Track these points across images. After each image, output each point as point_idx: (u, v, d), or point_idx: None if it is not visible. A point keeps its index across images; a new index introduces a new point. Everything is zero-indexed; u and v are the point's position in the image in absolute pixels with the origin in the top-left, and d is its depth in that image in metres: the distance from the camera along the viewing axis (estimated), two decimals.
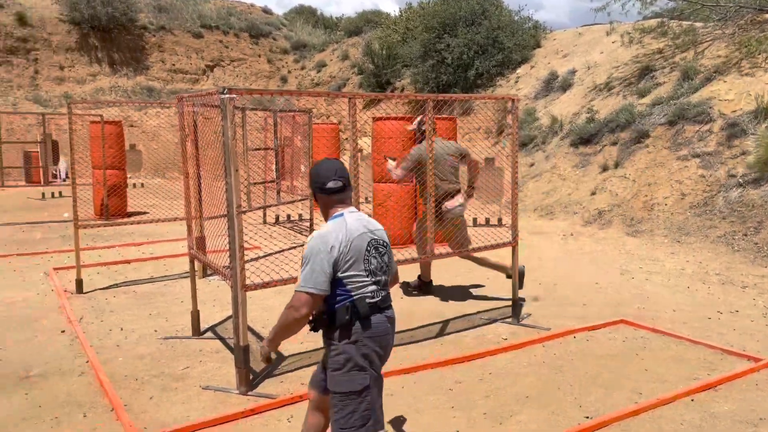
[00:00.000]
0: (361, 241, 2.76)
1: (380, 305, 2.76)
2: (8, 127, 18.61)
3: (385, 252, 2.86)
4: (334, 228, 2.75)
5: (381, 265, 2.81)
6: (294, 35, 27.46)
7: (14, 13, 22.42)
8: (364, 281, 2.73)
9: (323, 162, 2.95)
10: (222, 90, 4.03)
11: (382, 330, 2.75)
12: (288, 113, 10.35)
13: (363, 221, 2.84)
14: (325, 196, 2.86)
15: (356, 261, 2.72)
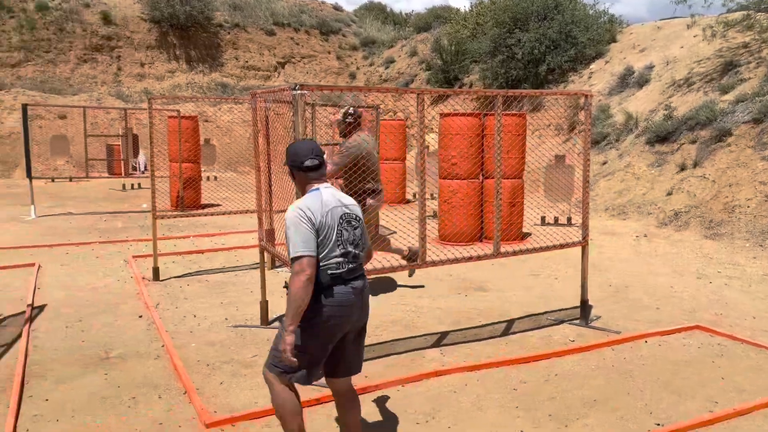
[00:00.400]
0: (335, 213, 2.95)
1: (345, 276, 2.93)
2: (93, 121, 19.61)
3: (357, 225, 3.04)
4: (312, 200, 2.94)
5: (352, 238, 2.99)
6: (363, 32, 27.66)
7: (99, 12, 23.61)
8: (333, 253, 2.91)
9: (300, 142, 3.19)
10: (293, 86, 4.12)
11: (344, 300, 2.91)
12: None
13: (337, 195, 3.04)
14: (303, 173, 3.05)
15: (330, 232, 2.92)
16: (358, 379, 4.25)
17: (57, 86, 21.47)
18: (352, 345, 3.10)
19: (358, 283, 2.98)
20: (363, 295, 3.03)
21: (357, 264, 3.01)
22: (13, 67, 21.79)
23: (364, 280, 3.05)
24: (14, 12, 22.28)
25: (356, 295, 2.97)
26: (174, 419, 3.71)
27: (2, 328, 5.35)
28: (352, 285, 2.96)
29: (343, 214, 2.99)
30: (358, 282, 2.99)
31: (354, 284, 2.97)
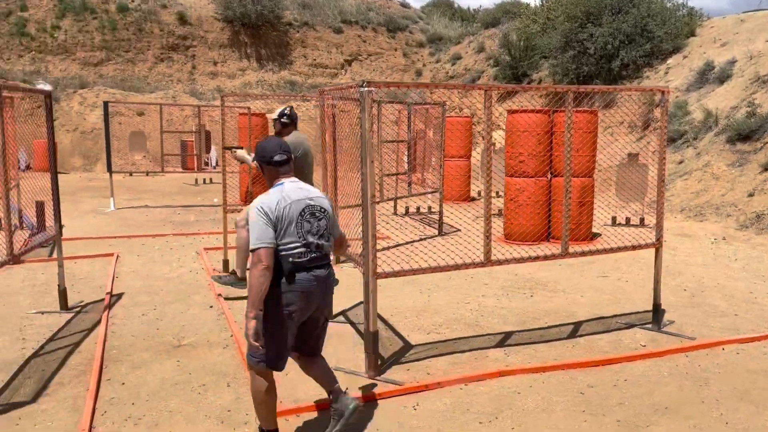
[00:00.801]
0: (298, 206, 3.16)
1: (306, 265, 3.14)
2: (168, 117, 20.39)
3: (322, 217, 3.23)
4: (274, 194, 3.17)
5: (316, 229, 3.19)
6: (430, 28, 27.56)
7: (176, 13, 24.50)
8: (295, 243, 3.12)
9: (270, 139, 3.37)
10: (361, 83, 4.14)
11: (306, 287, 3.13)
12: (422, 106, 10.43)
13: (303, 190, 3.25)
14: (272, 167, 3.27)
15: (290, 224, 3.12)
16: (422, 375, 4.26)
17: (136, 84, 22.44)
18: (318, 329, 3.38)
19: (320, 272, 3.19)
20: (326, 283, 3.25)
21: (320, 253, 3.20)
22: (95, 66, 22.93)
23: (329, 269, 3.26)
24: (97, 13, 23.43)
25: (318, 282, 3.18)
26: (241, 407, 3.81)
27: (84, 314, 5.65)
28: (314, 273, 3.16)
29: (307, 206, 3.19)
30: (321, 270, 3.19)
31: (316, 272, 3.17)
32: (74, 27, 22.96)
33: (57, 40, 22.62)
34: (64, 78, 21.68)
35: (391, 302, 5.91)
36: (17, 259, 4.91)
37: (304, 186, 3.29)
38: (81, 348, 4.78)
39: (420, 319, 5.49)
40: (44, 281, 6.67)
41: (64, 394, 3.99)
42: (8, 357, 4.57)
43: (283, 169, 3.26)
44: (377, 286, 4.26)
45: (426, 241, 8.48)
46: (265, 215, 3.07)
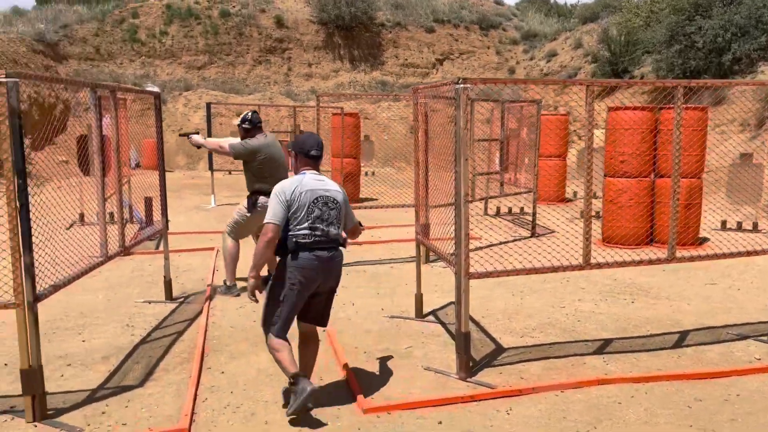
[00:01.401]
0: (311, 194, 3.62)
1: (309, 245, 3.58)
2: (265, 118, 21.08)
3: (334, 207, 3.68)
4: (292, 181, 3.67)
5: (326, 216, 3.64)
6: (524, 25, 26.97)
7: (274, 17, 25.34)
8: (301, 226, 3.59)
9: (310, 135, 3.91)
10: (457, 80, 4.09)
11: (306, 264, 3.57)
12: (516, 104, 10.20)
13: (321, 182, 3.71)
14: (305, 158, 3.77)
15: (300, 208, 3.58)
16: (515, 379, 4.14)
17: (235, 86, 23.40)
18: (321, 303, 3.80)
19: (322, 253, 3.61)
20: (329, 264, 3.65)
21: (326, 238, 3.64)
22: (198, 69, 24.11)
23: (333, 252, 3.67)
24: (201, 19, 24.62)
25: (319, 261, 3.60)
26: (333, 402, 3.86)
27: (187, 305, 5.93)
28: (315, 253, 3.59)
29: (320, 197, 3.65)
30: (323, 252, 3.61)
31: (318, 253, 3.60)
32: (180, 32, 24.26)
33: (164, 45, 23.98)
34: (170, 81, 22.94)
35: (482, 303, 5.81)
36: (128, 251, 5.23)
37: (323, 179, 3.75)
38: (184, 337, 5.01)
39: (512, 322, 5.36)
40: (151, 272, 7.07)
41: (169, 379, 4.19)
42: (119, 343, 4.87)
43: (313, 162, 3.78)
44: (469, 286, 4.19)
45: (519, 242, 8.28)
46: (282, 196, 3.58)
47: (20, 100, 3.19)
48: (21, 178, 3.41)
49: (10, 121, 3.35)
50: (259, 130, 6.17)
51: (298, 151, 3.79)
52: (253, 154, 5.98)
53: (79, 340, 4.93)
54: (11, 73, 3.32)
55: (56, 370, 4.29)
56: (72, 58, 22.49)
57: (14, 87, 3.33)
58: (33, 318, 3.51)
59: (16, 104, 3.34)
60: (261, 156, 5.97)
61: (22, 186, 3.42)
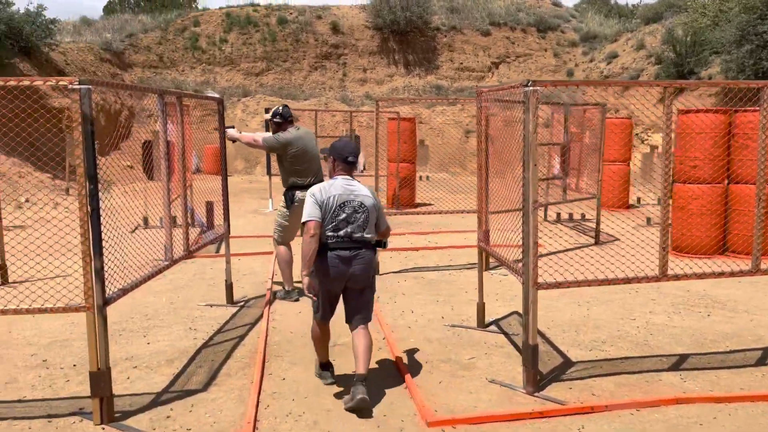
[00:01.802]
0: (339, 198, 3.91)
1: (332, 246, 3.88)
2: (321, 123, 21.32)
3: (361, 211, 3.93)
4: (323, 185, 4.01)
5: (352, 219, 3.91)
6: (584, 27, 26.35)
7: (329, 23, 25.58)
8: (328, 227, 3.89)
9: (348, 142, 4.23)
10: (526, 82, 3.94)
11: (331, 262, 3.88)
12: (578, 107, 9.91)
13: (351, 187, 3.98)
14: (342, 164, 4.05)
15: (328, 210, 3.89)
16: (586, 395, 3.95)
17: (292, 92, 23.71)
18: (353, 300, 4.03)
19: (344, 253, 3.89)
20: (351, 262, 3.90)
21: (349, 239, 3.90)
22: (257, 75, 24.55)
23: (357, 252, 3.91)
24: (259, 26, 25.08)
25: (341, 260, 3.89)
26: (396, 413, 3.77)
27: (248, 309, 5.96)
28: (336, 253, 3.88)
29: (347, 201, 3.92)
30: (345, 252, 3.88)
31: (340, 253, 3.89)
32: (239, 40, 24.77)
33: (224, 53, 24.52)
34: (229, 87, 23.44)
35: (547, 314, 5.61)
36: (191, 255, 5.29)
37: (353, 183, 4.01)
38: (245, 341, 5.02)
39: (580, 334, 5.14)
40: (212, 275, 7.16)
41: (231, 385, 4.19)
42: (182, 345, 4.91)
43: (347, 167, 4.05)
44: (537, 297, 4.03)
45: (581, 250, 8.01)
46: (315, 197, 3.92)
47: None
48: (92, 184, 3.46)
49: (83, 128, 3.40)
50: (290, 124, 6.15)
51: (336, 157, 4.06)
52: (285, 147, 5.98)
53: (144, 342, 5.00)
54: (84, 80, 3.38)
55: (122, 372, 4.36)
56: (136, 66, 23.26)
57: (87, 94, 3.38)
58: (102, 321, 3.55)
59: (89, 111, 3.40)
60: (293, 149, 5.96)
61: (93, 191, 3.47)
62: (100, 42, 22.00)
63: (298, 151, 5.97)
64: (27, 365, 4.51)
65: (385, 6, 25.07)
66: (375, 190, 7.56)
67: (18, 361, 4.58)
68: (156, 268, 4.32)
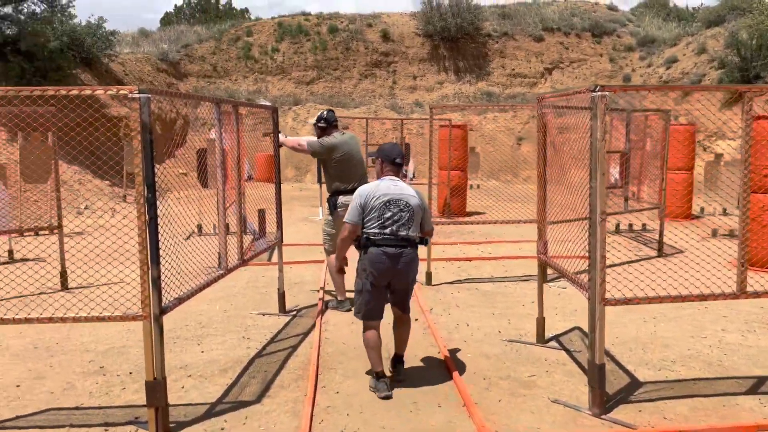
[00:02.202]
0: (385, 197, 4.06)
1: (378, 242, 4.03)
2: (370, 131, 21.32)
3: (406, 210, 4.07)
4: (370, 186, 4.16)
5: (397, 218, 4.05)
6: (641, 31, 25.62)
7: (380, 31, 25.63)
8: (372, 225, 4.06)
9: (393, 144, 4.41)
10: (593, 87, 3.75)
11: (374, 258, 4.03)
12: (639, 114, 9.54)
13: (397, 187, 4.13)
14: (390, 165, 4.24)
15: (373, 209, 4.06)
16: (657, 419, 3.70)
17: (342, 100, 23.83)
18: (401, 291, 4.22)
19: (390, 249, 4.03)
20: (396, 259, 4.04)
21: (395, 237, 4.04)
22: (307, 84, 24.78)
23: (402, 250, 4.05)
24: (310, 35, 25.34)
25: (387, 256, 4.03)
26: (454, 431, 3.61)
27: (300, 318, 5.90)
28: (383, 249, 4.03)
29: (394, 200, 4.07)
30: (391, 249, 4.02)
31: (386, 249, 4.03)
32: (291, 49, 25.07)
33: (276, 62, 24.86)
34: (280, 96, 23.73)
35: (611, 330, 5.34)
36: (245, 263, 5.26)
37: (399, 183, 4.16)
38: (298, 352, 4.95)
39: (647, 353, 4.87)
40: (264, 284, 7.15)
41: (284, 397, 4.11)
42: (236, 355, 4.88)
43: (394, 169, 4.23)
44: (605, 313, 3.81)
45: (644, 262, 7.67)
46: (359, 200, 4.09)
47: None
48: (151, 192, 3.45)
49: (142, 136, 3.39)
50: (335, 129, 6.12)
51: (384, 158, 4.25)
52: (329, 151, 5.94)
53: (198, 350, 4.99)
54: (143, 89, 3.37)
55: (177, 381, 4.34)
56: (191, 75, 23.81)
57: (146, 103, 3.38)
58: (158, 330, 3.53)
59: (148, 119, 3.39)
60: (338, 154, 5.93)
61: (152, 200, 3.45)
62: (157, 53, 22.62)
63: (343, 155, 5.93)
64: (85, 372, 4.55)
65: (435, 13, 24.98)
66: (428, 199, 7.51)
67: (76, 367, 4.63)
68: (211, 277, 4.29)
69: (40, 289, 6.43)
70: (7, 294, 6.25)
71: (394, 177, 4.20)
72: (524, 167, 19.90)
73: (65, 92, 3.44)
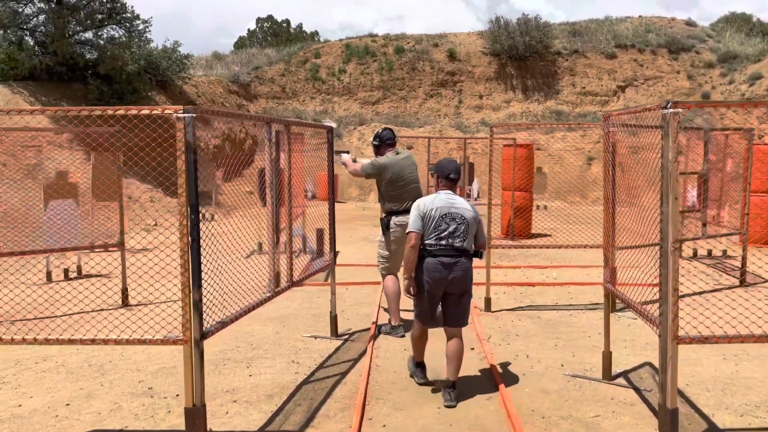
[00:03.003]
0: (441, 210, 4.27)
1: (435, 253, 4.23)
2: (434, 150, 21.16)
3: (461, 222, 4.27)
4: (428, 199, 4.39)
5: (452, 230, 4.25)
6: (722, 46, 24.42)
7: (446, 51, 25.53)
8: (431, 236, 4.25)
9: (449, 160, 4.55)
10: (665, 104, 3.43)
11: (431, 268, 4.23)
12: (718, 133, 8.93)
13: (452, 200, 4.33)
14: (445, 180, 4.43)
15: (431, 221, 4.26)
16: None
17: (407, 120, 23.81)
18: (452, 306, 4.33)
19: (446, 259, 4.22)
20: (451, 268, 4.22)
21: (451, 247, 4.23)
22: (373, 104, 24.93)
23: (458, 260, 4.23)
24: (377, 56, 25.54)
25: (443, 266, 4.22)
26: None
27: (351, 343, 5.73)
28: (439, 259, 4.22)
29: (449, 213, 4.28)
30: (447, 258, 4.22)
31: (442, 259, 4.22)
32: (357, 70, 25.34)
33: (342, 83, 25.17)
34: (346, 116, 23.96)
35: (686, 368, 4.90)
36: (296, 284, 5.15)
37: (455, 197, 4.37)
38: (346, 379, 4.77)
39: (727, 395, 4.41)
40: (319, 305, 7.03)
41: (329, 427, 3.93)
42: (283, 380, 4.75)
43: (449, 184, 4.43)
44: (678, 352, 3.44)
45: (724, 292, 7.09)
46: (418, 211, 4.33)
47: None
48: (194, 213, 3.37)
49: (186, 156, 3.33)
50: (389, 147, 6.02)
51: (440, 174, 4.48)
52: (380, 171, 5.90)
53: (246, 374, 4.90)
54: (188, 108, 3.32)
55: (222, 406, 4.24)
56: (261, 97, 24.42)
57: (190, 122, 3.32)
58: (199, 355, 3.43)
59: (192, 139, 3.33)
60: (388, 174, 5.85)
61: (195, 221, 3.38)
62: (229, 75, 23.33)
63: (393, 176, 5.85)
64: (133, 392, 4.52)
65: (503, 32, 24.68)
66: (488, 222, 7.23)
67: (126, 387, 4.62)
68: (258, 300, 4.19)
69: (102, 305, 6.54)
70: (69, 310, 6.40)
71: (450, 191, 4.42)
72: (593, 188, 19.19)
73: (112, 112, 3.44)
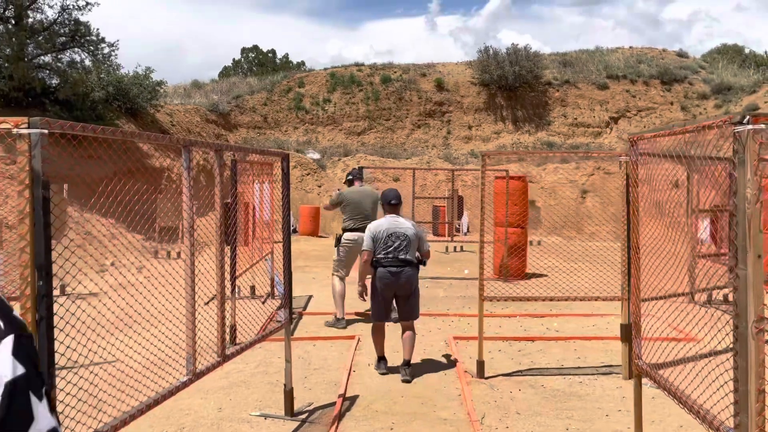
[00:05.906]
0: (387, 231, 5.51)
1: (384, 264, 5.46)
2: (422, 182, 20.17)
3: (404, 239, 5.47)
4: (377, 222, 5.68)
5: (396, 245, 5.45)
6: (715, 78, 23.84)
7: (434, 80, 24.76)
8: (380, 251, 5.49)
9: (390, 190, 5.89)
10: (740, 118, 2.37)
11: (382, 276, 5.48)
12: None
13: (396, 222, 5.58)
14: (387, 206, 5.69)
15: (380, 240, 5.50)
16: None
17: (393, 151, 22.86)
18: (403, 305, 5.61)
19: (393, 269, 5.44)
20: (398, 275, 5.45)
21: (396, 259, 5.45)
22: (358, 135, 24.00)
23: (403, 269, 5.45)
24: (363, 86, 24.70)
25: (391, 274, 5.44)
26: None
27: (310, 425, 4.54)
28: (388, 269, 5.45)
29: (394, 232, 5.49)
30: (394, 268, 5.43)
31: (390, 269, 5.44)
32: (342, 100, 24.46)
33: (327, 113, 24.26)
34: (330, 147, 22.98)
35: None
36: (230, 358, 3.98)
37: (399, 219, 5.59)
38: None
39: None
40: (278, 368, 5.82)
41: None
42: None
43: (392, 209, 5.64)
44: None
45: None
46: (370, 233, 5.52)
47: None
48: (43, 280, 2.24)
49: (32, 192, 2.21)
50: (358, 181, 7.88)
51: (384, 201, 5.71)
52: (339, 201, 7.67)
53: None
54: (34, 121, 2.21)
55: None
56: (242, 126, 23.41)
57: (38, 141, 2.21)
58: None
59: (40, 167, 2.21)
60: (345, 203, 7.58)
61: (46, 290, 2.25)
62: (207, 104, 22.34)
63: (348, 204, 7.54)
64: None
65: (492, 61, 23.99)
66: (481, 267, 6.10)
67: None
68: (160, 394, 3.01)
69: None
70: None
71: (394, 214, 5.62)
72: (589, 222, 18.22)
73: None
